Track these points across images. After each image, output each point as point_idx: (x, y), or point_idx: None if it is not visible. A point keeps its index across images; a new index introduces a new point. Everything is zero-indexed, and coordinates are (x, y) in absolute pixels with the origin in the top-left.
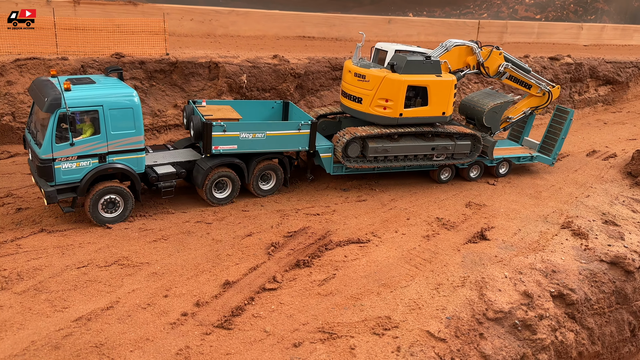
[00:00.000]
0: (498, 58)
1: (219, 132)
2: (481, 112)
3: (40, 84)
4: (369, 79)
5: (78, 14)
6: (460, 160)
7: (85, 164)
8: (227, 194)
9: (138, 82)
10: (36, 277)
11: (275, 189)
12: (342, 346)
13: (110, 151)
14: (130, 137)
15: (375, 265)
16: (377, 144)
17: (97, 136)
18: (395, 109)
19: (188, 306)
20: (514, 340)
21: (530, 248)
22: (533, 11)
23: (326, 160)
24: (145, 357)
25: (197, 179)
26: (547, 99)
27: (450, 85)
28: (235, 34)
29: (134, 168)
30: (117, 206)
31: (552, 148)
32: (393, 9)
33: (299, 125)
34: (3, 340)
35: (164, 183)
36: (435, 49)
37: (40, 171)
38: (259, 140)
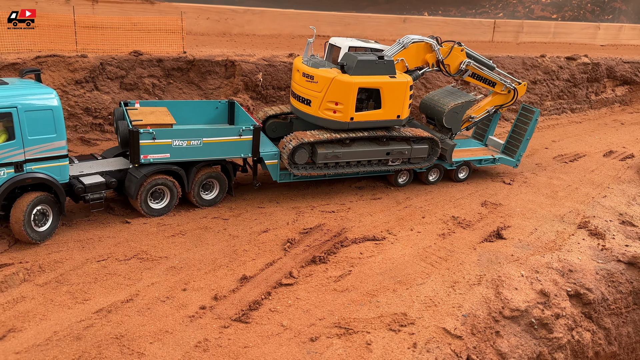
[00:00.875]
0: (459, 55)
1: (148, 140)
2: (441, 112)
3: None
4: (317, 80)
5: (96, 12)
6: (418, 165)
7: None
8: (164, 204)
9: (156, 80)
10: (57, 270)
11: (219, 199)
12: (358, 341)
13: (27, 159)
14: (51, 143)
15: (390, 263)
16: (327, 150)
17: (11, 142)
18: (346, 113)
19: (206, 300)
20: (530, 339)
21: (547, 247)
22: (549, 11)
23: (272, 168)
24: (165, 349)
25: (130, 188)
26: (512, 96)
27: (405, 86)
28: (250, 32)
29: (56, 178)
30: (47, 217)
31: (517, 149)
32: (408, 7)
33: (239, 130)
34: (26, 331)
35: (92, 195)
36: (392, 46)
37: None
38: (195, 147)
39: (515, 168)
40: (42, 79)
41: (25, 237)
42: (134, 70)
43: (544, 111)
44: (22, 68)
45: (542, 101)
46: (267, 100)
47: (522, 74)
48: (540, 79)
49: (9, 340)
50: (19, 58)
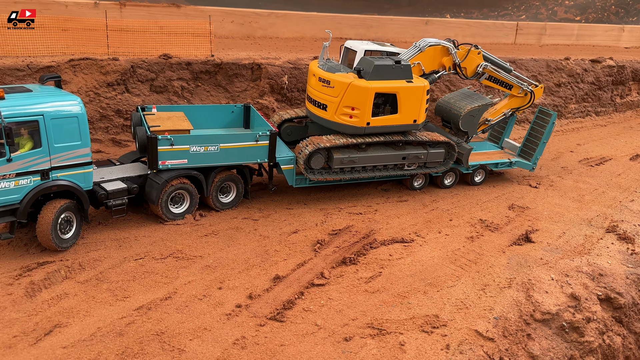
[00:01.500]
0: (476, 58)
1: (166, 146)
2: (457, 115)
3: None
4: (333, 85)
5: (124, 15)
6: (434, 169)
7: (25, 182)
8: (184, 208)
9: (184, 83)
10: (97, 268)
11: (236, 202)
12: (391, 342)
13: (53, 166)
14: (76, 150)
15: (420, 265)
16: (343, 155)
17: (37, 150)
18: (362, 118)
19: (241, 298)
20: (562, 342)
21: (576, 251)
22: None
23: (288, 172)
24: (204, 345)
25: (151, 194)
26: (529, 99)
27: (422, 91)
28: (273, 35)
29: (80, 185)
30: (72, 225)
31: (533, 152)
32: (430, 10)
33: (256, 136)
34: (71, 326)
35: (114, 201)
36: (408, 50)
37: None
38: (212, 153)
39: (531, 171)
40: (75, 81)
41: (52, 244)
42: (164, 73)
43: (568, 114)
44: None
45: (567, 104)
46: (292, 103)
47: (546, 77)
48: (565, 81)
49: (56, 335)
50: (53, 61)
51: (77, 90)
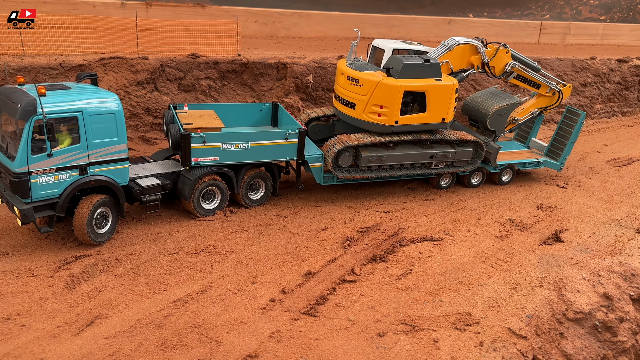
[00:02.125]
0: (505, 57)
1: (199, 144)
2: (485, 114)
3: (8, 91)
4: (362, 84)
5: (150, 15)
6: (461, 168)
7: (64, 177)
8: (215, 204)
9: (212, 82)
10: (133, 262)
11: (265, 199)
12: (425, 338)
13: (91, 162)
14: (113, 146)
15: (450, 263)
16: (371, 153)
17: (76, 145)
18: (391, 116)
19: (275, 293)
20: (594, 342)
21: (607, 251)
22: (597, 12)
23: (316, 170)
24: (241, 338)
25: (184, 190)
26: (557, 98)
27: (451, 89)
28: (297, 35)
29: (117, 180)
30: (107, 219)
31: (561, 152)
32: (453, 9)
33: (286, 134)
34: (112, 318)
35: (148, 197)
36: (436, 48)
37: (14, 186)
38: (243, 151)
39: (559, 171)
40: (105, 80)
41: (87, 238)
42: (192, 72)
43: (594, 114)
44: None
45: (592, 104)
46: (317, 102)
47: (572, 77)
48: (591, 81)
49: (97, 326)
50: (84, 60)
51: (107, 88)
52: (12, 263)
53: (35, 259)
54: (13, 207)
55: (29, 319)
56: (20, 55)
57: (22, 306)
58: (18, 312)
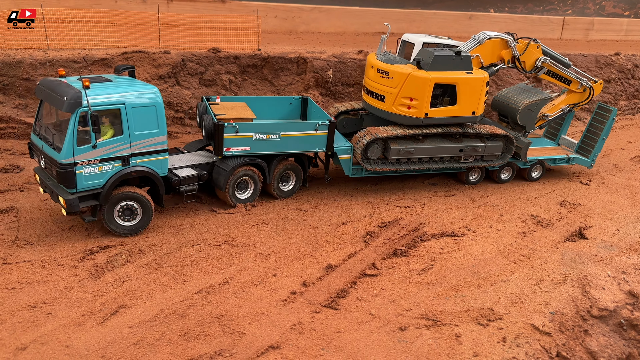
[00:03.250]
0: (535, 52)
1: (231, 134)
2: (515, 109)
3: (52, 84)
4: (392, 76)
5: (171, 10)
6: (491, 163)
7: (107, 168)
8: (249, 194)
9: (232, 77)
10: (156, 253)
11: (295, 191)
12: (447, 333)
13: (133, 153)
14: (154, 137)
15: (472, 259)
16: (400, 146)
17: (119, 137)
18: (421, 109)
19: (296, 286)
20: (619, 339)
21: (632, 249)
22: (621, 7)
23: (345, 162)
24: (263, 329)
25: (219, 180)
26: (588, 95)
27: (481, 82)
28: (316, 30)
29: (157, 171)
30: (135, 214)
31: (591, 149)
32: (474, 4)
33: (316, 125)
34: (136, 307)
35: (186, 187)
36: (467, 42)
37: (60, 177)
38: (274, 141)
39: (589, 168)
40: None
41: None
42: (213, 67)
43: (618, 111)
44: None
45: (617, 100)
46: (336, 97)
47: (595, 73)
48: (615, 77)
49: (122, 315)
50: (107, 54)
51: None
52: (37, 253)
53: (59, 249)
54: (57, 197)
55: (54, 307)
56: (45, 49)
57: (48, 294)
58: (44, 300)
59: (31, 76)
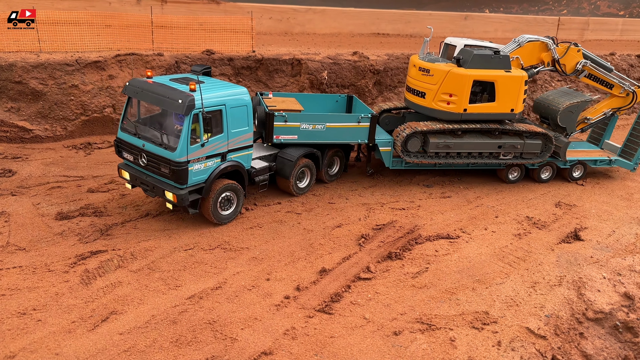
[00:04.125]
0: (576, 55)
1: (281, 122)
2: (555, 111)
3: (155, 87)
4: (433, 73)
5: (165, 12)
6: (530, 160)
7: (210, 164)
8: (306, 183)
9: (226, 78)
10: (148, 257)
11: (339, 174)
12: (442, 337)
13: (229, 149)
14: (245, 135)
15: (467, 261)
16: (439, 140)
17: (220, 135)
18: (460, 104)
19: (289, 290)
20: (615, 342)
21: (627, 250)
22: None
23: (385, 154)
24: (256, 335)
25: (285, 170)
26: (631, 99)
27: (520, 81)
28: (311, 31)
29: (244, 164)
30: (232, 203)
31: (634, 152)
32: (469, 5)
33: (359, 118)
34: (127, 313)
35: (260, 177)
36: (507, 45)
37: (175, 174)
38: (319, 131)
39: (632, 172)
40: (121, 76)
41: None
42: None
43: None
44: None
45: None
46: None
47: None
48: None
49: (112, 322)
50: (100, 56)
51: (123, 85)
52: (28, 258)
53: (51, 254)
54: (163, 193)
55: (44, 314)
56: (37, 52)
57: (38, 301)
58: (34, 307)
59: (23, 79)
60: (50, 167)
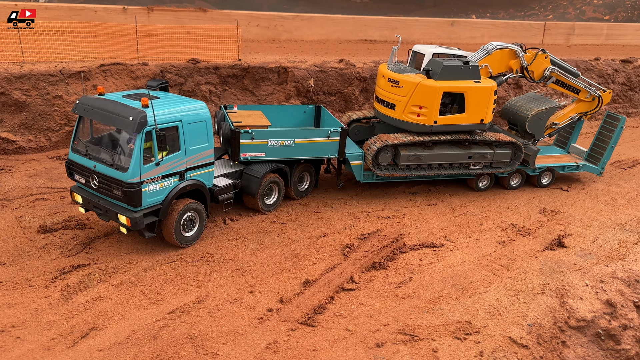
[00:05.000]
0: (543, 62)
1: (247, 140)
2: (524, 118)
3: (106, 103)
4: (402, 85)
5: (151, 20)
6: (500, 170)
7: (167, 184)
8: (274, 199)
9: (212, 87)
10: (130, 271)
11: (309, 191)
12: (424, 348)
13: (188, 167)
14: (204, 151)
15: (451, 270)
16: (410, 152)
17: (177, 153)
18: (430, 116)
19: (272, 302)
20: (597, 350)
21: (610, 256)
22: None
23: (356, 168)
24: (237, 349)
25: (251, 188)
26: (597, 104)
27: (489, 91)
28: (299, 38)
29: (205, 183)
30: (195, 223)
31: (600, 157)
32: (456, 10)
33: (328, 132)
34: (107, 329)
35: (224, 195)
36: (476, 52)
37: (127, 196)
38: (288, 147)
39: (599, 176)
40: (106, 86)
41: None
42: (192, 78)
43: (598, 115)
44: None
45: None
46: None
47: None
48: (595, 82)
49: (92, 338)
50: (84, 66)
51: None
52: (8, 273)
53: (32, 269)
54: (116, 216)
55: (23, 331)
56: (21, 63)
57: (17, 318)
58: (13, 324)
59: (6, 90)
60: (33, 178)
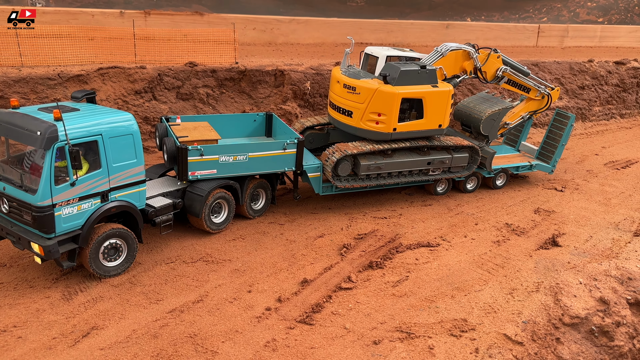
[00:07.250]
0: (496, 62)
1: (196, 157)
2: (478, 119)
3: (13, 117)
4: (359, 92)
5: (148, 24)
6: (458, 174)
7: (86, 207)
8: (223, 218)
9: (209, 90)
10: (130, 272)
11: (266, 208)
12: (420, 346)
13: (112, 187)
14: (132, 168)
15: (447, 269)
16: (370, 162)
17: (98, 171)
18: (389, 123)
19: (270, 301)
20: (591, 346)
21: (604, 255)
22: (595, 14)
23: (314, 180)
24: (237, 347)
25: (194, 207)
26: (546, 102)
27: (447, 95)
28: (295, 41)
29: (136, 204)
30: (120, 252)
31: (551, 155)
32: (451, 14)
33: (284, 144)
34: (108, 329)
35: (162, 217)
36: (429, 55)
37: (37, 222)
38: (241, 162)
39: (550, 174)
40: (103, 90)
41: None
42: (190, 81)
43: (592, 117)
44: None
45: (591, 107)
46: (315, 108)
47: (570, 79)
48: (589, 84)
49: (93, 337)
50: (82, 70)
51: (105, 98)
52: (9, 274)
53: (32, 270)
54: (29, 244)
55: (25, 330)
56: (19, 67)
57: (19, 318)
58: (14, 324)
59: (5, 94)
60: None
